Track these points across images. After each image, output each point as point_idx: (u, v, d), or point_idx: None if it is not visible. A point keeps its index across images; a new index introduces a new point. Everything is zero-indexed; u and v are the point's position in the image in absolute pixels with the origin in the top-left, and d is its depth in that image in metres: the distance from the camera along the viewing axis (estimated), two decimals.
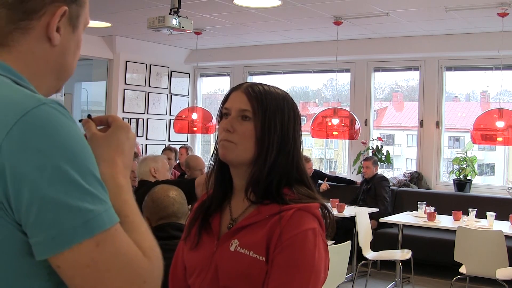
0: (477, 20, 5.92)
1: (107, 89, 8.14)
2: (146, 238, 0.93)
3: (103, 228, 0.85)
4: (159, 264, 0.92)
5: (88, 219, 0.83)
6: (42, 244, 0.83)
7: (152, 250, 0.92)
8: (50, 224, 0.82)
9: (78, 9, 1.01)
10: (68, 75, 1.05)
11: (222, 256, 1.35)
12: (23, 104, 0.85)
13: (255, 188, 1.36)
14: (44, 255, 0.84)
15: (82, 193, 0.84)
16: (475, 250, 4.66)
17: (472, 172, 6.85)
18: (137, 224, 0.94)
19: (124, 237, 0.88)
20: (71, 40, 1.02)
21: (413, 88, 8.78)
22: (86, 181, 0.85)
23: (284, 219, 1.29)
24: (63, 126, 0.86)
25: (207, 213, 1.44)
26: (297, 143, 1.41)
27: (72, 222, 0.83)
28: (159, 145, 8.01)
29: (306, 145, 9.65)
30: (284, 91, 1.44)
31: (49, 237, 0.83)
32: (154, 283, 0.90)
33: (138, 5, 5.76)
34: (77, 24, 1.01)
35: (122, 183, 0.98)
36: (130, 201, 0.97)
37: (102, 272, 0.85)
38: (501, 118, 5.41)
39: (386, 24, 6.26)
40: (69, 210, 0.83)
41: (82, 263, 0.84)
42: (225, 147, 1.37)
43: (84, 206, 0.83)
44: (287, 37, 7.33)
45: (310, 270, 1.27)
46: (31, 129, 0.83)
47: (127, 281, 0.86)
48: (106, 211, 0.86)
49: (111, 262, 0.85)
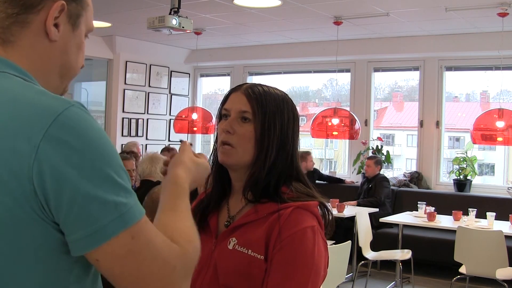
0: (477, 20, 5.92)
1: (107, 89, 8.15)
2: (187, 229, 1.01)
3: (136, 219, 0.90)
4: (194, 252, 0.99)
5: (123, 212, 0.88)
6: (82, 240, 0.87)
7: (190, 241, 0.99)
8: (90, 220, 0.86)
9: (78, 8, 1.02)
10: (71, 75, 1.07)
11: (220, 255, 1.35)
12: (54, 106, 0.88)
13: (253, 189, 1.36)
14: (84, 250, 0.88)
15: (117, 188, 0.89)
16: (475, 250, 4.66)
17: (472, 172, 6.85)
18: (185, 218, 1.04)
19: (152, 227, 0.94)
20: (72, 39, 1.03)
21: (413, 88, 8.78)
22: (119, 176, 0.90)
23: (283, 217, 1.29)
24: (93, 126, 0.90)
25: (205, 212, 1.44)
26: (295, 144, 1.42)
27: (110, 216, 0.87)
28: (159, 145, 8.01)
29: (306, 145, 9.65)
30: (283, 92, 1.44)
31: (89, 232, 0.86)
32: (186, 267, 0.96)
33: (138, 5, 5.76)
34: (77, 23, 1.03)
35: (186, 187, 1.12)
36: (186, 201, 1.09)
37: (139, 261, 0.90)
38: (501, 118, 5.40)
39: (386, 24, 6.26)
40: (108, 205, 0.87)
41: (120, 254, 0.88)
42: (225, 152, 1.37)
43: (119, 200, 0.88)
44: (287, 37, 7.33)
45: (309, 268, 1.27)
46: (66, 130, 0.87)
47: (160, 267, 0.91)
48: (136, 205, 0.92)
49: (146, 251, 0.90)
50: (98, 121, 9.00)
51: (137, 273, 0.90)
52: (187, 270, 0.97)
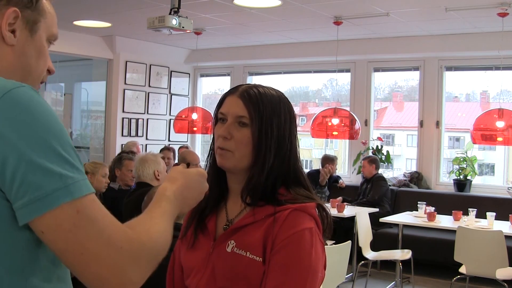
0: (477, 20, 5.92)
1: (107, 89, 8.14)
2: (149, 224, 1.04)
3: (81, 193, 0.93)
4: (149, 242, 1.00)
5: (68, 184, 0.92)
6: (26, 207, 0.90)
7: (147, 231, 1.01)
8: (34, 187, 0.89)
9: (34, 15, 1.08)
10: (34, 78, 1.11)
11: (218, 257, 1.35)
12: (5, 85, 0.94)
13: (251, 193, 1.36)
14: (27, 217, 0.90)
15: (63, 162, 0.93)
16: (475, 250, 4.66)
17: (472, 172, 6.85)
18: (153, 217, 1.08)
19: (101, 206, 0.97)
20: (30, 44, 1.08)
21: (413, 88, 8.77)
22: (66, 152, 0.94)
23: (280, 219, 1.29)
24: (42, 104, 0.95)
25: (203, 214, 1.44)
26: (293, 145, 1.41)
27: (54, 185, 0.90)
28: (159, 145, 8.01)
29: (306, 145, 9.66)
30: (279, 92, 1.43)
31: (32, 199, 0.89)
32: (136, 252, 0.97)
33: (138, 5, 5.76)
34: (34, 28, 1.08)
35: (168, 195, 1.16)
36: (163, 205, 1.13)
37: (83, 236, 0.92)
38: (501, 118, 5.40)
39: (386, 24, 6.26)
40: (52, 174, 0.91)
41: (65, 228, 0.91)
42: (223, 156, 1.36)
43: (65, 173, 0.92)
44: (287, 37, 7.33)
45: (307, 269, 1.27)
46: (15, 104, 0.92)
47: (104, 245, 0.93)
48: (84, 180, 0.95)
49: (90, 227, 0.93)
50: (98, 121, 9.03)
51: (81, 249, 0.92)
52: (137, 255, 0.97)
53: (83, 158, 8.75)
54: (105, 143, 8.19)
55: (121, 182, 5.06)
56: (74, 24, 6.74)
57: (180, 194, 1.18)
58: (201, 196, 1.26)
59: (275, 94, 1.40)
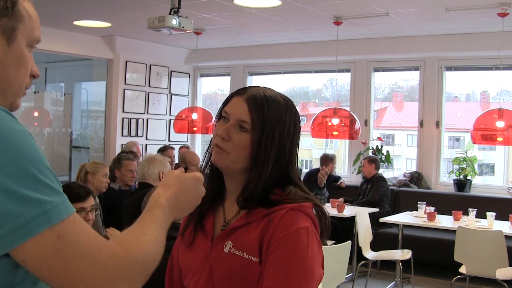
0: (477, 20, 5.92)
1: (107, 89, 8.14)
2: (139, 235, 1.02)
3: (61, 218, 0.90)
4: (139, 255, 0.98)
5: (47, 209, 0.89)
6: (5, 236, 0.86)
7: (136, 244, 0.99)
8: (13, 215, 0.86)
9: (11, 23, 1.00)
10: (14, 90, 1.04)
11: (216, 258, 1.35)
12: None
13: (247, 199, 1.35)
14: (8, 247, 0.87)
15: (41, 185, 0.90)
16: (475, 250, 4.66)
17: (472, 172, 6.85)
18: (144, 227, 1.06)
19: (84, 226, 0.94)
20: (8, 53, 1.01)
21: (413, 88, 8.77)
22: (43, 174, 0.90)
23: (277, 219, 1.29)
24: (13, 127, 0.91)
25: (200, 213, 1.44)
26: (292, 156, 1.40)
27: (33, 212, 0.87)
28: (159, 145, 8.00)
29: (306, 145, 9.66)
30: (288, 99, 1.41)
31: (11, 228, 0.86)
32: (123, 268, 0.95)
33: (138, 5, 5.76)
34: (12, 37, 1.01)
35: (161, 201, 1.14)
36: (155, 212, 1.11)
37: (67, 260, 0.90)
38: (501, 118, 5.40)
39: (386, 24, 6.26)
40: (30, 201, 0.88)
41: (46, 254, 0.89)
42: (218, 154, 1.36)
43: (43, 198, 0.89)
44: (287, 37, 7.33)
45: (303, 269, 1.26)
46: None
47: (89, 266, 0.91)
48: (63, 202, 0.92)
49: (73, 250, 0.91)
50: (98, 121, 9.01)
51: (66, 273, 0.90)
52: (125, 271, 0.95)
53: (83, 158, 8.76)
54: (105, 143, 8.19)
55: (121, 183, 5.06)
56: (74, 24, 6.74)
57: (174, 200, 1.16)
58: (198, 201, 1.25)
59: (282, 102, 1.38)
